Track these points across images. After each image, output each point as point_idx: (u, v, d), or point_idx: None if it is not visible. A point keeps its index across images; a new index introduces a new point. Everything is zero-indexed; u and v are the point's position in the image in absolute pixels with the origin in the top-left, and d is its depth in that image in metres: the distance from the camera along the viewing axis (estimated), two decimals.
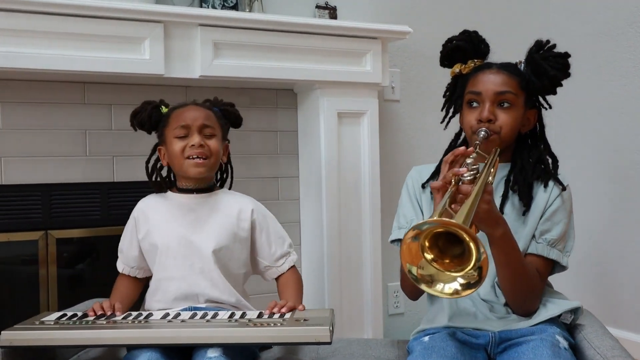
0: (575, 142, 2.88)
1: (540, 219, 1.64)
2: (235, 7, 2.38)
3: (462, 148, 1.52)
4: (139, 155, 1.92)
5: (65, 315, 1.61)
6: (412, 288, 1.71)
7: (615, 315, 2.79)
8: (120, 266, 1.88)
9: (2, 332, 1.47)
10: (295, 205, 2.58)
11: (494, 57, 1.78)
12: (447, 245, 1.30)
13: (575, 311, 1.65)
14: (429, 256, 1.30)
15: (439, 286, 1.30)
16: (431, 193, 1.70)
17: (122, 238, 1.89)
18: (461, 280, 1.28)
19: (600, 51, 2.88)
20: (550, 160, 1.71)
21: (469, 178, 1.41)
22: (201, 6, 2.35)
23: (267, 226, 1.89)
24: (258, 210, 1.88)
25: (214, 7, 2.35)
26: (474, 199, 1.35)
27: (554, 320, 1.60)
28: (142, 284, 1.89)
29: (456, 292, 1.29)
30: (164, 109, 1.86)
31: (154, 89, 2.28)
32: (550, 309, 1.61)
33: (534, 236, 1.63)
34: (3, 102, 2.14)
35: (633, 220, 2.76)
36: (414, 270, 1.30)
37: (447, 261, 1.30)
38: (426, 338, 1.57)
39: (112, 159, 2.29)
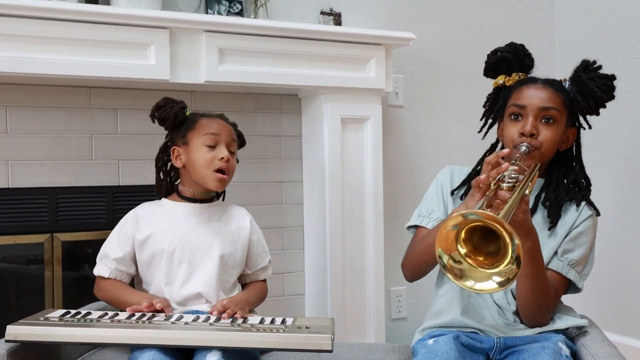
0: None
1: (565, 237, 1.65)
2: (240, 13, 2.40)
3: (507, 150, 1.54)
4: (145, 159, 1.94)
5: (69, 312, 1.62)
6: (412, 268, 1.73)
7: (622, 323, 2.80)
8: (107, 270, 1.80)
9: (7, 326, 1.48)
10: (298, 210, 2.60)
11: None
12: (481, 243, 1.32)
13: (580, 327, 1.67)
14: (462, 250, 1.31)
15: (469, 282, 1.31)
16: (462, 196, 1.72)
17: (109, 241, 1.83)
18: (498, 279, 1.29)
19: (605, 58, 2.87)
20: (584, 183, 1.72)
21: (507, 185, 1.42)
22: (207, 12, 2.37)
23: (258, 240, 1.92)
24: (254, 224, 1.92)
25: (219, 13, 2.37)
26: (512, 204, 1.36)
27: (559, 330, 1.62)
28: None
29: (491, 290, 1.31)
30: (187, 111, 1.88)
31: (160, 94, 2.26)
32: (557, 323, 1.63)
33: (556, 252, 1.65)
34: (10, 107, 2.17)
35: None
36: (445, 258, 1.31)
37: (481, 258, 1.32)
38: (430, 341, 1.59)
39: (118, 163, 2.31)
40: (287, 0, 2.54)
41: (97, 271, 1.82)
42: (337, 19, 2.59)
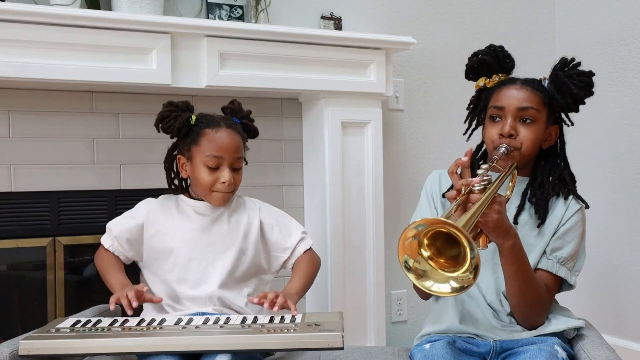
0: (578, 152, 2.90)
1: (554, 235, 1.66)
2: (241, 18, 2.42)
3: (466, 159, 1.53)
4: (146, 163, 1.95)
5: (79, 321, 1.62)
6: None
7: (620, 325, 2.80)
8: (108, 241, 1.85)
9: (20, 341, 1.48)
10: (299, 213, 2.60)
11: None
12: (445, 247, 1.36)
13: (577, 328, 1.67)
14: (426, 253, 1.35)
15: (428, 283, 1.36)
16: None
17: (120, 219, 1.87)
18: (454, 284, 1.34)
19: (605, 62, 2.89)
20: (569, 179, 1.72)
21: (479, 188, 1.44)
22: (208, 17, 2.38)
23: (277, 222, 1.92)
24: (264, 209, 1.92)
25: (220, 18, 2.38)
26: (480, 206, 1.39)
27: (555, 332, 1.63)
28: None
29: (445, 293, 1.36)
30: (193, 118, 1.84)
31: (161, 98, 2.27)
32: (553, 324, 1.64)
33: (545, 251, 1.65)
34: (13, 111, 2.18)
35: (639, 227, 2.78)
36: (411, 262, 1.36)
37: (443, 260, 1.36)
38: (427, 345, 1.60)
39: (120, 167, 2.32)
40: (287, 5, 2.55)
41: (102, 239, 1.88)
42: (338, 24, 2.61)
